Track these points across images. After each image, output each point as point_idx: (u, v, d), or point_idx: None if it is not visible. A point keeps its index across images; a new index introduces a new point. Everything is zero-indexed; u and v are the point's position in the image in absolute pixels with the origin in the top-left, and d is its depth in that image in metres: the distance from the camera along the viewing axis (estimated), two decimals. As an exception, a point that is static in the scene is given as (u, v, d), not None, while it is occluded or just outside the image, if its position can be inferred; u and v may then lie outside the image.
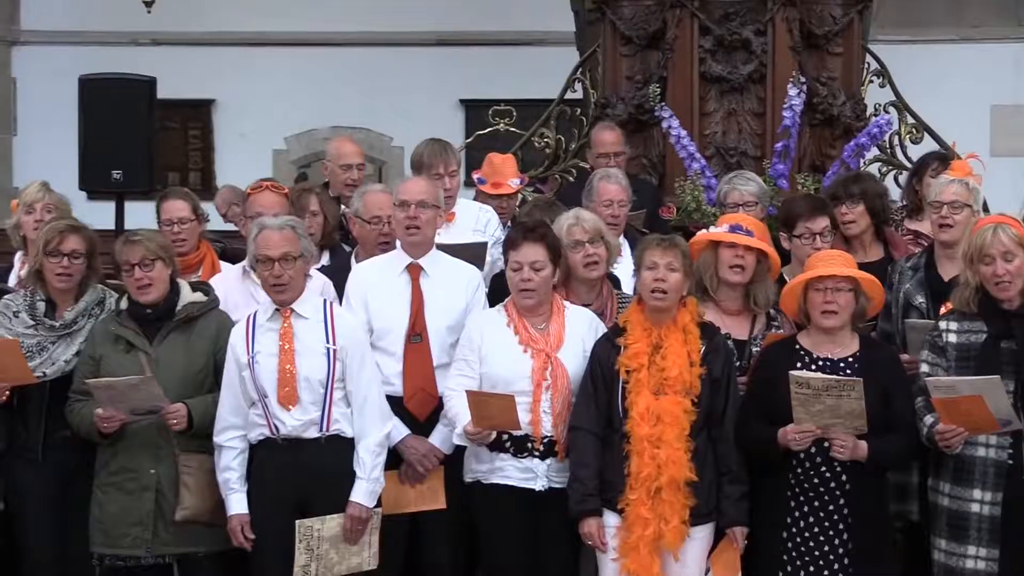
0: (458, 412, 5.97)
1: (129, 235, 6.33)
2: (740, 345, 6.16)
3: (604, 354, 5.93)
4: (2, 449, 6.34)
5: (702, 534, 5.84)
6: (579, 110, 9.46)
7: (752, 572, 5.87)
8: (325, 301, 6.10)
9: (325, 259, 7.15)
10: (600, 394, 5.88)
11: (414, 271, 6.35)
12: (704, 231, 6.38)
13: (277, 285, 5.96)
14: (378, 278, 6.37)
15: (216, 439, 6.04)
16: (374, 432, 5.98)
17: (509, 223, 7.66)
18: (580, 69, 9.48)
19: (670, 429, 5.75)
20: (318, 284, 6.32)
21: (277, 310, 6.01)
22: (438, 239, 6.51)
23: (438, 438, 6.23)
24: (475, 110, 16.13)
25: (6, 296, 6.54)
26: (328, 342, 5.96)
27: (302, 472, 5.92)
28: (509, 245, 6.13)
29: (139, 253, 6.13)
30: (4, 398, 6.21)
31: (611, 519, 5.83)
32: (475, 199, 8.13)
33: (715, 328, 6.01)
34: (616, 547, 5.80)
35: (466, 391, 5.89)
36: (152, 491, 6.07)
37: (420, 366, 6.24)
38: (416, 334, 6.26)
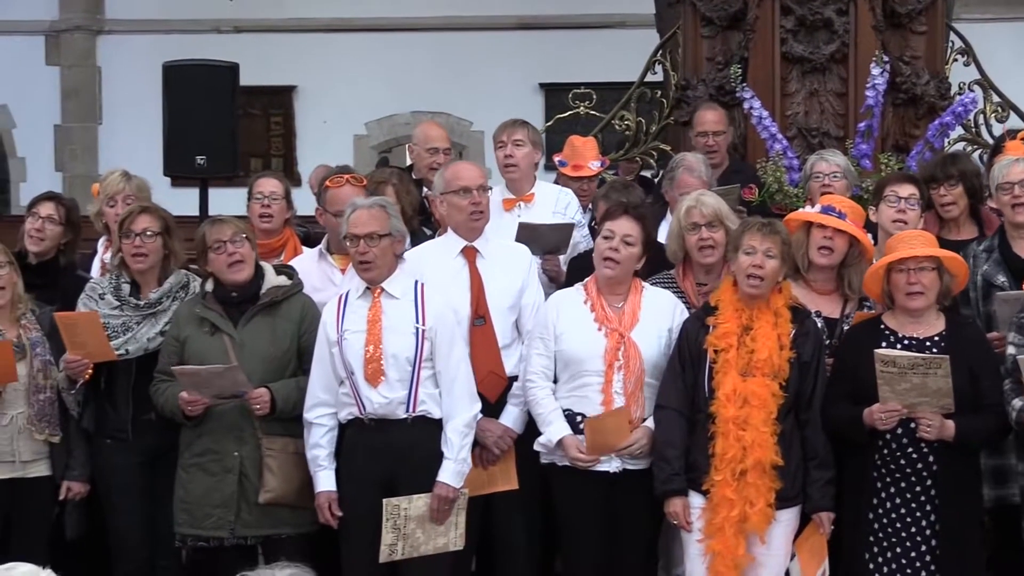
0: (549, 420, 6.00)
1: (215, 217, 6.41)
2: (831, 324, 6.11)
3: (693, 333, 5.90)
4: (91, 431, 6.42)
5: (787, 518, 5.81)
6: (659, 92, 9.42)
7: (838, 552, 5.84)
8: (416, 281, 6.10)
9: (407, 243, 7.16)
10: (687, 373, 5.86)
11: (470, 254, 6.36)
12: (800, 211, 6.33)
13: (363, 263, 5.98)
14: (434, 262, 6.37)
15: (306, 416, 6.07)
16: (462, 413, 5.98)
17: (590, 206, 7.65)
18: (660, 51, 9.44)
19: (757, 412, 5.71)
20: (410, 265, 6.33)
21: (368, 289, 6.03)
22: (520, 219, 6.50)
23: (510, 418, 6.24)
24: (555, 94, 16.15)
25: (93, 279, 6.65)
26: (417, 322, 5.96)
27: (390, 452, 5.93)
28: (607, 215, 6.13)
29: (230, 230, 6.19)
30: (88, 375, 6.30)
31: (696, 500, 5.82)
32: (556, 181, 8.12)
33: (806, 311, 5.96)
34: (701, 528, 5.79)
35: (587, 419, 5.91)
36: (235, 473, 6.11)
37: (486, 348, 6.25)
38: (479, 317, 6.26)
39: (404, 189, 7.17)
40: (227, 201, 8.79)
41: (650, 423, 5.96)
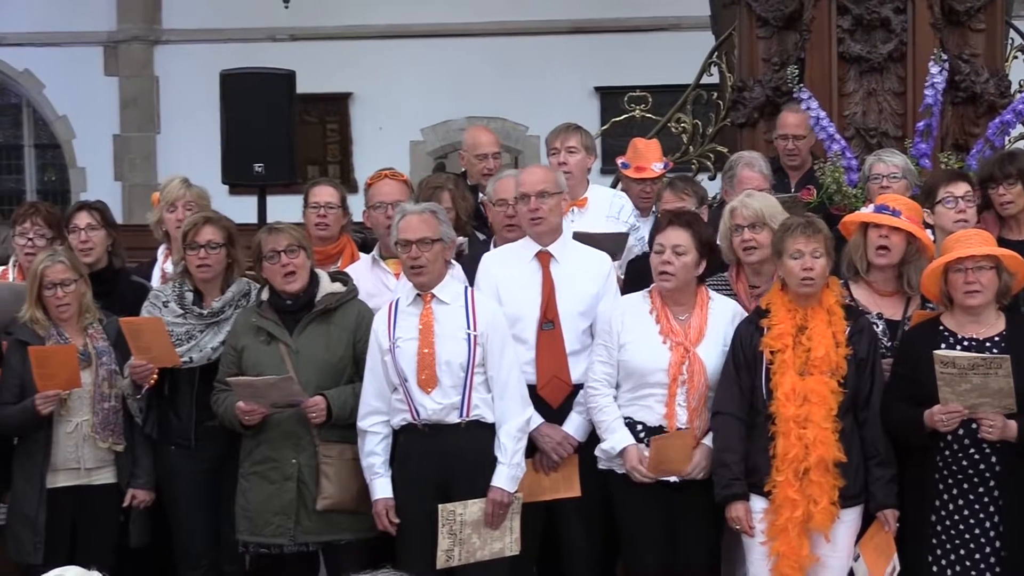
0: (611, 428, 5.98)
1: (272, 225, 6.43)
2: (893, 326, 6.08)
3: (747, 336, 5.88)
4: (154, 437, 6.46)
5: (850, 517, 5.78)
6: (715, 94, 9.39)
7: (900, 556, 5.79)
8: (466, 287, 6.13)
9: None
10: (743, 377, 5.84)
11: (544, 258, 6.34)
12: (855, 212, 6.30)
13: (414, 268, 5.99)
14: (508, 265, 6.37)
15: (360, 424, 6.09)
16: (515, 417, 5.99)
17: (653, 208, 7.61)
18: (716, 53, 9.40)
19: (817, 409, 5.69)
20: (460, 270, 6.35)
21: (419, 295, 6.05)
22: (572, 226, 6.49)
23: (572, 426, 6.22)
24: (610, 97, 16.14)
25: (157, 287, 6.70)
26: (469, 327, 5.98)
27: (444, 457, 5.95)
28: (656, 228, 6.11)
29: (284, 240, 6.21)
30: (152, 381, 6.35)
31: (758, 503, 5.79)
32: (617, 184, 8.10)
33: (859, 309, 5.93)
34: (764, 530, 5.76)
35: (653, 439, 5.89)
36: (294, 481, 6.14)
37: (553, 353, 6.23)
38: (548, 321, 6.24)
39: (459, 194, 7.19)
40: (285, 208, 8.83)
41: (708, 441, 5.93)
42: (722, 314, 6.07)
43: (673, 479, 5.93)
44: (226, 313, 6.40)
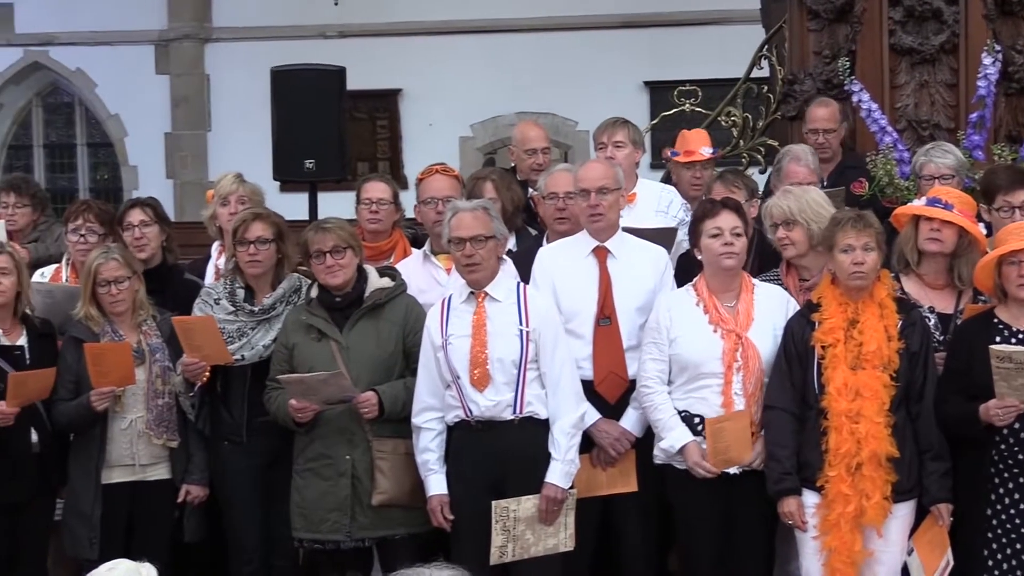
0: (668, 426, 5.96)
1: (320, 223, 6.44)
2: (945, 319, 6.04)
3: (798, 330, 5.86)
4: (207, 434, 6.50)
5: (904, 512, 5.75)
6: (765, 87, 9.35)
7: (955, 551, 5.75)
8: (518, 283, 6.12)
9: (511, 243, 7.17)
10: (795, 371, 5.82)
11: (601, 253, 6.33)
12: (906, 205, 6.26)
13: (469, 265, 6.00)
14: (564, 261, 6.36)
15: (414, 420, 6.11)
16: (569, 413, 5.98)
17: (703, 195, 7.58)
18: (766, 46, 9.37)
19: (870, 403, 5.66)
20: (511, 267, 6.34)
21: (472, 293, 6.05)
22: (621, 222, 6.48)
23: (629, 421, 6.21)
24: (659, 91, 16.12)
25: (208, 284, 6.74)
26: (521, 324, 5.97)
27: (497, 454, 5.95)
28: (705, 215, 6.06)
29: (331, 241, 6.22)
30: (205, 379, 6.38)
31: (810, 498, 5.77)
32: (666, 177, 8.08)
33: (911, 302, 5.90)
34: (816, 525, 5.74)
35: (707, 421, 5.86)
36: (348, 477, 6.16)
37: (610, 349, 6.22)
38: (605, 316, 6.23)
39: (504, 185, 7.18)
40: (335, 204, 8.86)
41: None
42: (768, 298, 6.06)
43: (734, 470, 5.91)
44: (277, 310, 6.42)
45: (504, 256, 6.27)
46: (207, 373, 6.36)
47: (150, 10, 18.77)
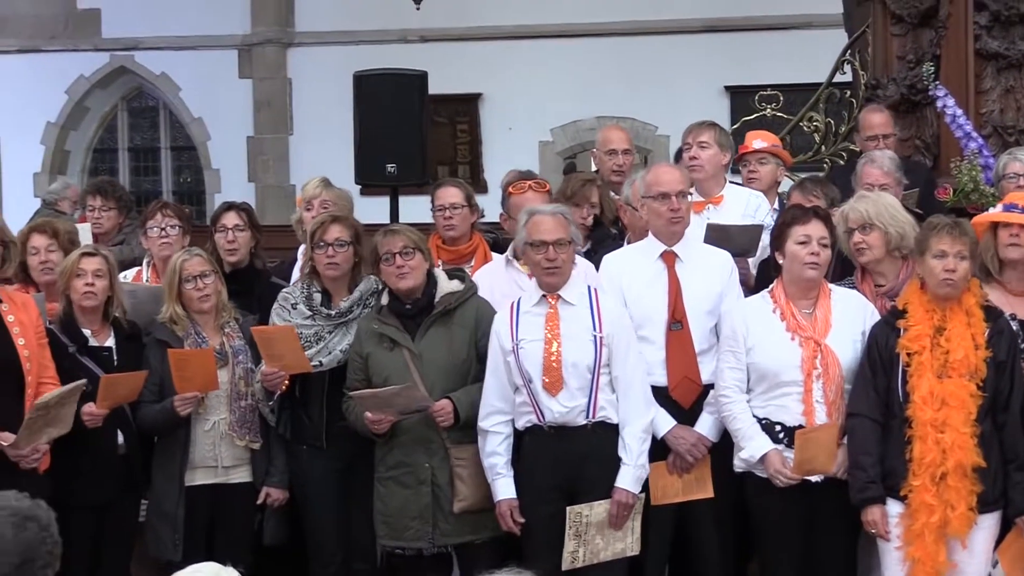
0: (749, 435, 5.91)
1: (388, 227, 6.47)
2: (1028, 327, 5.96)
3: (883, 337, 5.79)
4: (287, 438, 6.54)
5: (989, 523, 5.67)
6: (848, 92, 9.29)
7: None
8: (590, 287, 6.11)
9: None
10: (879, 379, 5.76)
11: (669, 258, 6.29)
12: (985, 213, 6.19)
13: (551, 268, 5.99)
14: (632, 266, 6.34)
15: (481, 424, 6.10)
16: (640, 418, 5.98)
17: (775, 204, 7.55)
18: (849, 51, 9.31)
19: (956, 413, 5.60)
20: (582, 270, 6.33)
21: (544, 296, 6.05)
22: (709, 220, 6.45)
23: (705, 426, 6.19)
24: (740, 96, 16.02)
25: (285, 289, 6.75)
26: (595, 329, 5.97)
27: (570, 459, 5.95)
28: (795, 220, 6.00)
29: (400, 242, 6.22)
30: (285, 387, 6.41)
31: (894, 507, 5.70)
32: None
33: (999, 310, 5.83)
34: (900, 535, 5.68)
35: (797, 433, 5.79)
36: (428, 484, 6.17)
37: (682, 354, 6.20)
38: (676, 321, 6.20)
39: (606, 193, 7.22)
40: (417, 208, 8.89)
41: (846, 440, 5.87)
42: (847, 304, 6.01)
43: (816, 478, 5.86)
44: (354, 313, 6.43)
45: (579, 258, 6.26)
46: (287, 382, 6.40)
47: (233, 15, 18.94)
